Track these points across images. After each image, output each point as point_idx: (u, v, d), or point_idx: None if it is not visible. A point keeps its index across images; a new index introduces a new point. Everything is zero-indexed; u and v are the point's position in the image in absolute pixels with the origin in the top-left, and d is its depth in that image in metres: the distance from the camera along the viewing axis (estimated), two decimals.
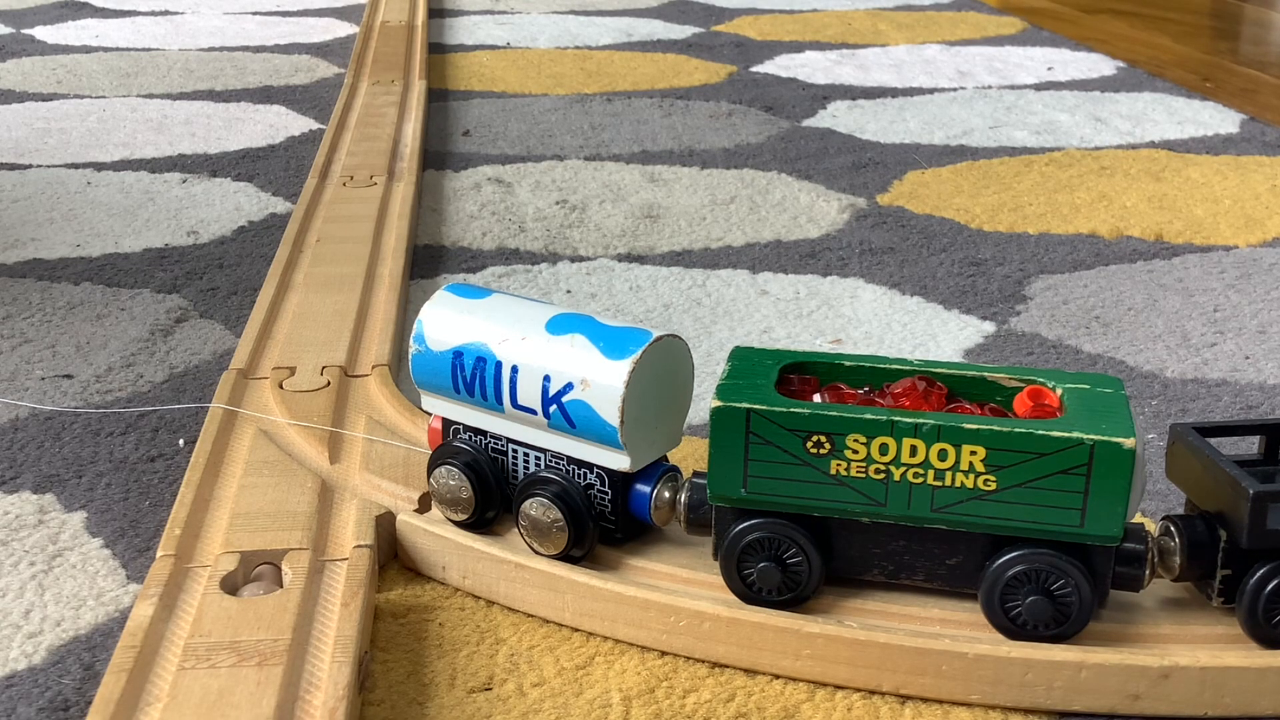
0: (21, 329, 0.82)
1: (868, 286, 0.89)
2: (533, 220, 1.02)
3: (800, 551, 0.50)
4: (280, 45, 1.72)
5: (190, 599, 0.52)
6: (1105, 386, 0.50)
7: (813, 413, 0.49)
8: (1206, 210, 1.05)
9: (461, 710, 0.49)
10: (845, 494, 0.49)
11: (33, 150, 1.22)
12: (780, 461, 0.49)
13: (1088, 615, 0.48)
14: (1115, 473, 0.46)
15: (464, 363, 0.55)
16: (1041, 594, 0.48)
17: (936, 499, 0.49)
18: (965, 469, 0.48)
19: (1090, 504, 0.47)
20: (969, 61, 1.60)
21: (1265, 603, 0.48)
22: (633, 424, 0.52)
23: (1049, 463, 0.47)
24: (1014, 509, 0.48)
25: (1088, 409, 0.48)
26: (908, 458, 0.48)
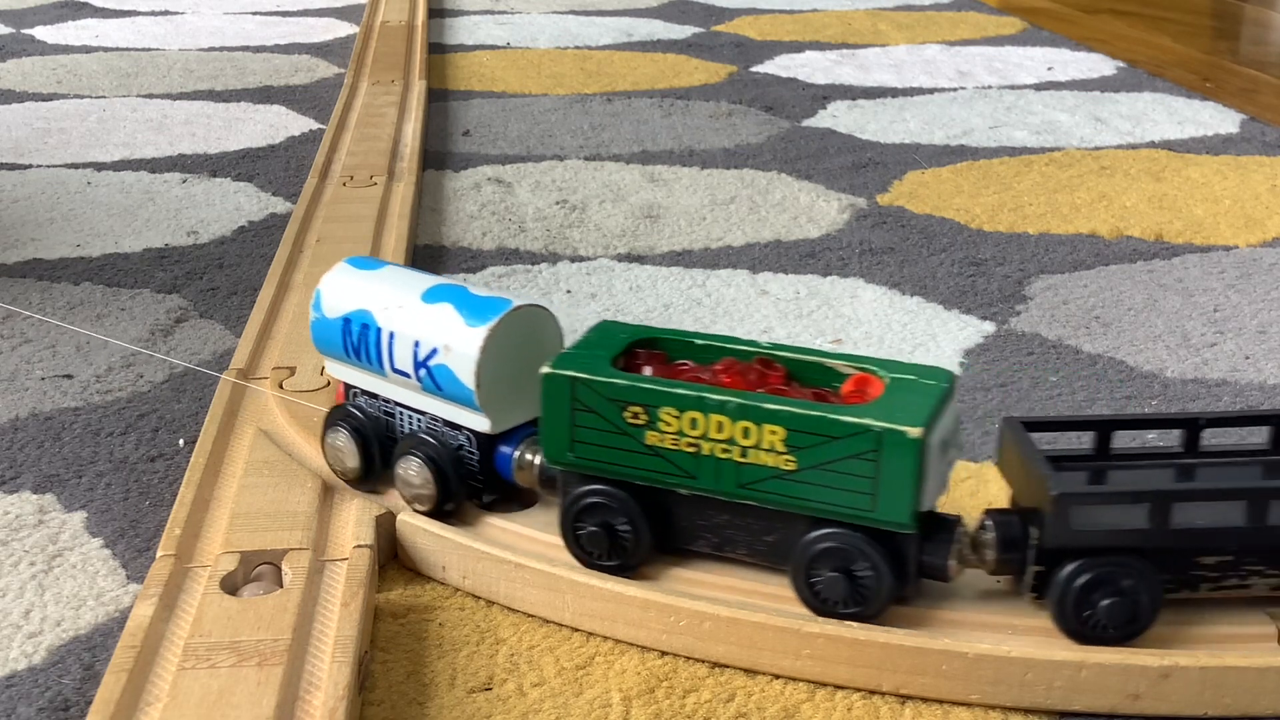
0: (21, 329, 0.82)
1: (868, 286, 0.89)
2: (533, 220, 1.02)
3: (629, 519, 0.52)
4: (280, 45, 1.71)
5: (190, 599, 0.52)
6: (930, 378, 0.51)
7: (630, 384, 0.51)
8: (1206, 210, 1.05)
9: (461, 710, 0.49)
10: (661, 464, 0.51)
11: (33, 150, 1.22)
12: (602, 429, 0.51)
13: (888, 598, 0.49)
14: (901, 460, 0.47)
15: (352, 329, 0.58)
16: (842, 573, 0.49)
17: (742, 475, 0.50)
18: (767, 448, 0.49)
19: (881, 489, 0.48)
20: (969, 61, 1.60)
21: (1073, 599, 0.48)
22: (489, 388, 0.55)
23: (841, 446, 0.48)
24: (812, 489, 0.49)
25: (897, 398, 0.49)
26: (715, 433, 0.50)
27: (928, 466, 0.48)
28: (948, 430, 0.50)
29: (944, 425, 0.49)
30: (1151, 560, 0.48)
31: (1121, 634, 0.49)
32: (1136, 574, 0.48)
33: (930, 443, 0.48)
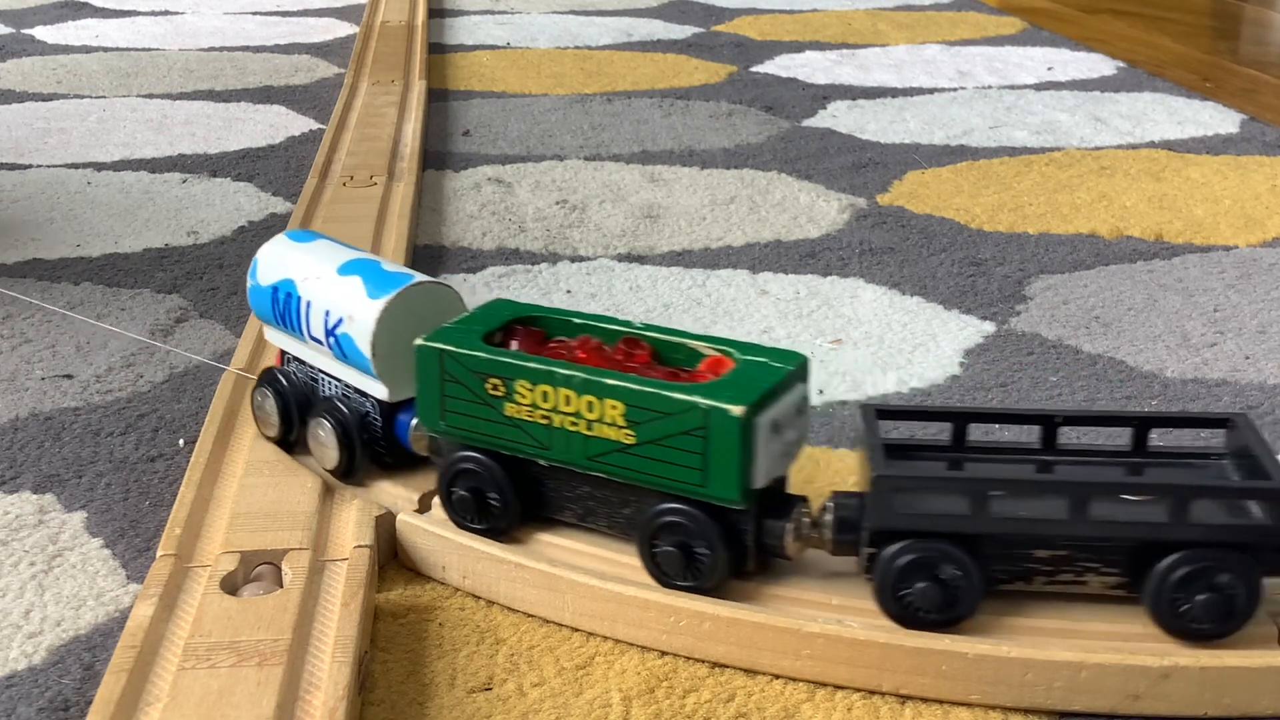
0: (22, 329, 0.82)
1: (868, 286, 0.89)
2: (533, 220, 1.02)
3: (497, 486, 0.55)
4: (280, 45, 1.72)
5: (190, 599, 0.52)
6: (779, 361, 0.52)
7: (489, 357, 0.53)
8: (1206, 210, 1.05)
9: (461, 710, 0.49)
10: (519, 435, 0.53)
11: (33, 150, 1.22)
12: (468, 400, 0.54)
13: (724, 572, 0.51)
14: (726, 438, 0.49)
15: (279, 296, 0.62)
16: (678, 547, 0.51)
17: (589, 448, 0.52)
18: (609, 422, 0.51)
19: (710, 465, 0.50)
20: (969, 61, 1.60)
21: (891, 581, 0.49)
22: (385, 358, 0.57)
23: (674, 423, 0.50)
24: (650, 464, 0.51)
25: (737, 378, 0.51)
26: (564, 406, 0.52)
27: (757, 445, 0.49)
28: (786, 412, 0.51)
29: (782, 407, 0.50)
30: (979, 549, 0.49)
31: (939, 619, 0.50)
32: (956, 560, 0.49)
33: (758, 422, 0.49)
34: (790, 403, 0.51)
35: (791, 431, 0.51)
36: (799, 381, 0.52)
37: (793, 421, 0.51)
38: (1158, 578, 0.49)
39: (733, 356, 0.53)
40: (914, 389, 0.74)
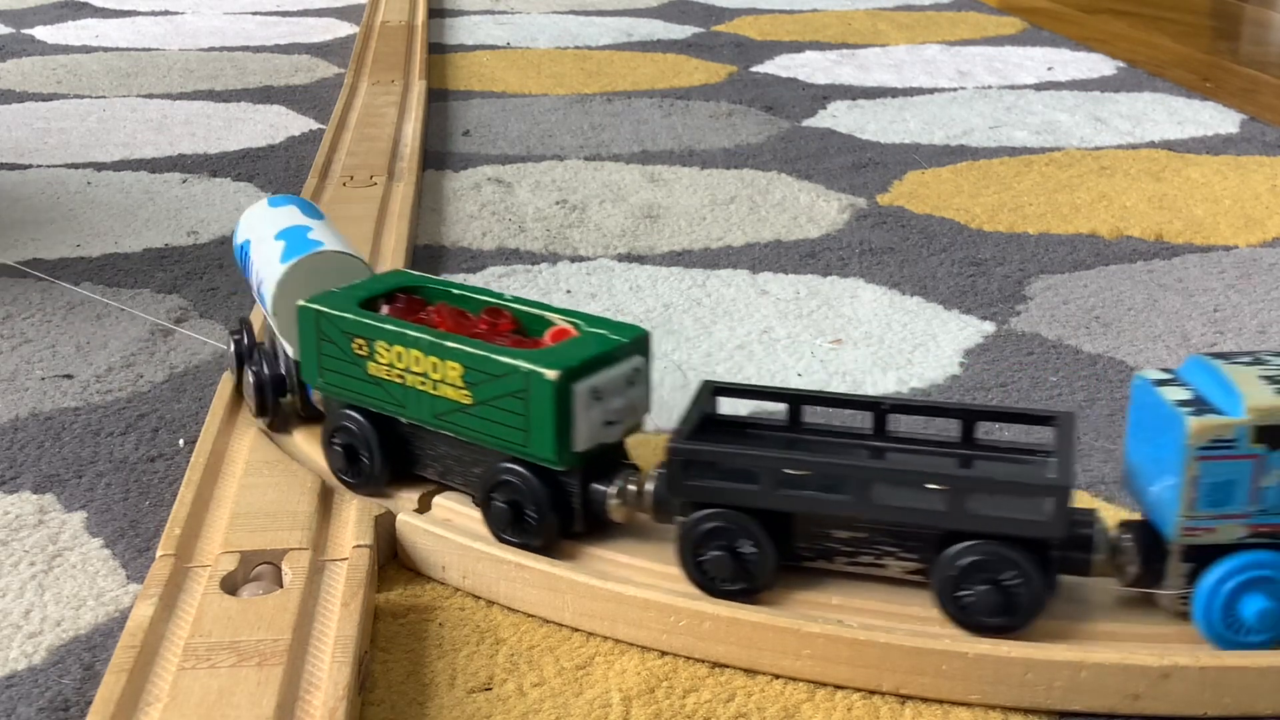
0: (21, 329, 0.82)
1: (868, 286, 0.89)
2: (533, 220, 1.02)
3: (366, 442, 0.58)
4: (280, 45, 1.72)
5: (190, 599, 0.52)
6: (617, 334, 0.54)
7: (354, 318, 0.57)
8: (1206, 210, 1.05)
9: (461, 710, 0.49)
10: (380, 393, 0.57)
11: (33, 150, 1.22)
12: (339, 358, 0.58)
13: (550, 532, 0.54)
14: (543, 400, 0.52)
15: (242, 256, 0.67)
16: (508, 505, 0.54)
17: (435, 406, 0.55)
18: (450, 382, 0.54)
19: (531, 427, 0.52)
20: (969, 61, 1.60)
21: (690, 549, 0.51)
22: (285, 317, 0.62)
23: (501, 385, 0.53)
24: (484, 423, 0.54)
25: (568, 346, 0.54)
26: (414, 366, 0.55)
27: (575, 410, 0.52)
28: (613, 381, 0.53)
29: (608, 376, 0.53)
30: (778, 524, 0.51)
31: (735, 588, 0.51)
32: (749, 533, 0.51)
33: (575, 388, 0.51)
34: (619, 374, 0.53)
35: (618, 400, 0.53)
36: (635, 354, 0.54)
37: (621, 391, 0.53)
38: (942, 566, 0.49)
39: (579, 328, 0.56)
40: (914, 389, 0.74)
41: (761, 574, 0.51)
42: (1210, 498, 0.48)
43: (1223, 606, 0.48)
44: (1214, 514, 0.48)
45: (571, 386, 0.51)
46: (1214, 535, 0.48)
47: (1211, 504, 0.48)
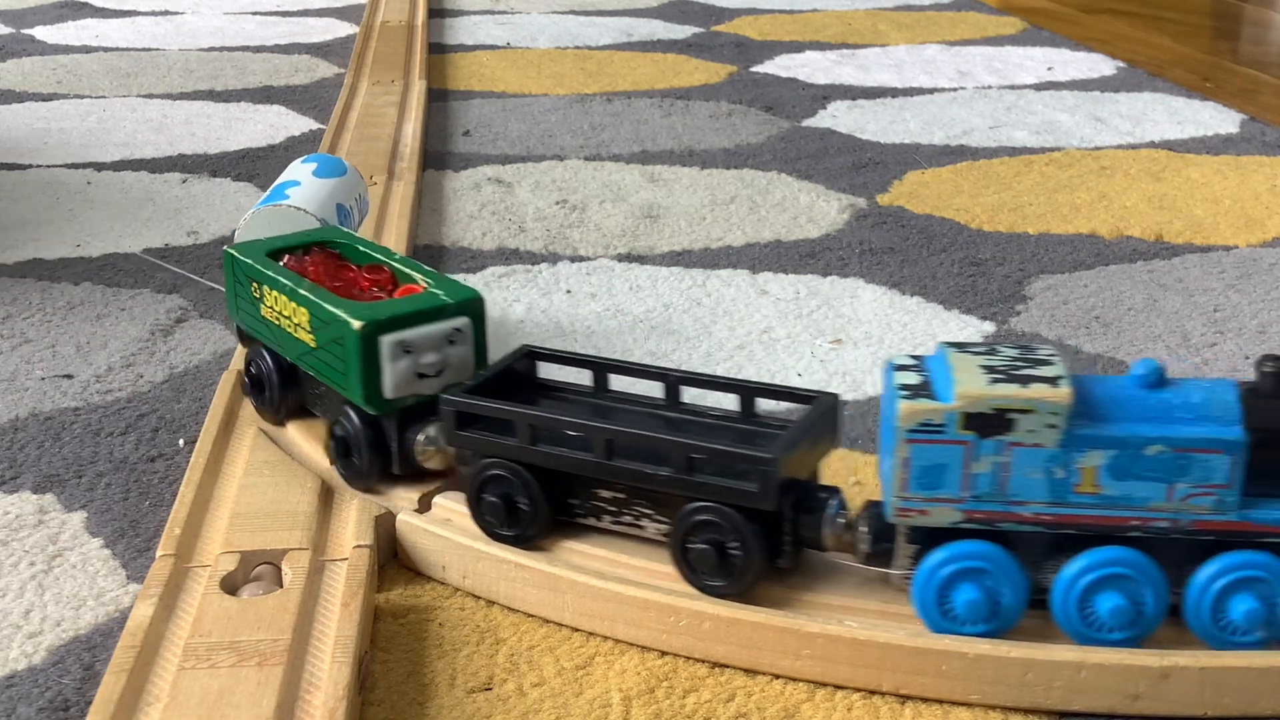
0: (21, 329, 0.82)
1: (868, 286, 0.89)
2: (533, 220, 1.02)
3: (269, 377, 0.64)
4: (280, 45, 1.72)
5: (190, 599, 0.52)
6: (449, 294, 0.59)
7: (250, 263, 0.63)
8: (1206, 210, 1.05)
9: (461, 710, 0.49)
10: (269, 332, 0.63)
11: (33, 150, 1.22)
12: (246, 299, 0.64)
13: (373, 472, 0.58)
14: (352, 349, 0.57)
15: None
16: (338, 441, 0.59)
17: (298, 348, 0.61)
18: (304, 327, 0.60)
19: (348, 372, 0.57)
20: (969, 61, 1.60)
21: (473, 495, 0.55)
22: None
23: (329, 331, 0.58)
24: (324, 366, 0.59)
25: (397, 301, 0.59)
26: (285, 310, 0.61)
27: (381, 360, 0.56)
28: (428, 338, 0.57)
29: (423, 332, 0.57)
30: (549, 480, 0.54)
31: (509, 535, 0.55)
32: (522, 484, 0.54)
33: (382, 340, 0.56)
34: (436, 331, 0.58)
35: (432, 355, 0.57)
36: (461, 315, 0.58)
37: (438, 348, 0.58)
38: (676, 527, 0.52)
39: (426, 284, 0.61)
40: None
41: (532, 523, 0.54)
42: (921, 480, 0.48)
43: (936, 593, 0.49)
44: (927, 496, 0.49)
45: (378, 338, 0.56)
46: (928, 518, 0.49)
47: (923, 486, 0.48)
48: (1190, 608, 0.49)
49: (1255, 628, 0.48)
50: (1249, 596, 0.48)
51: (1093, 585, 0.48)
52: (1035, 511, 0.48)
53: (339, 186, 0.76)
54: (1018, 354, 0.49)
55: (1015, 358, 0.49)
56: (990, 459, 0.48)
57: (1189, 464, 0.47)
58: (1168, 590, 0.48)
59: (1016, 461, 0.48)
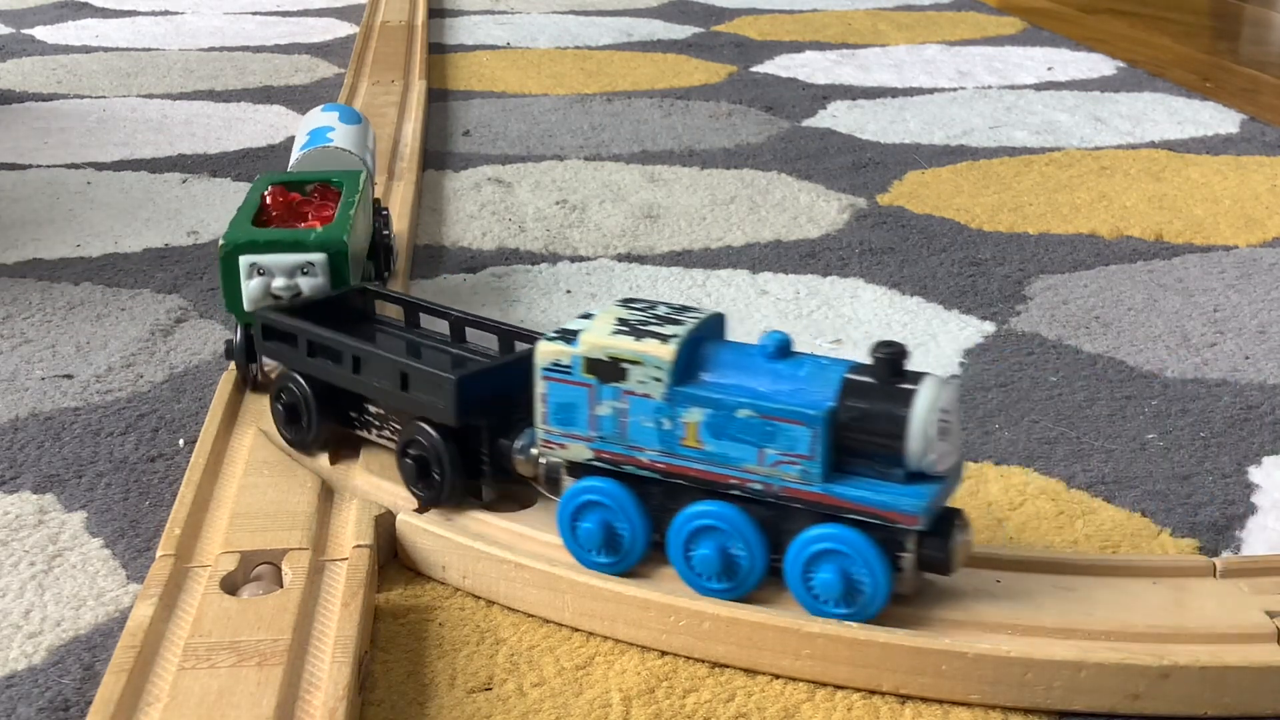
0: (21, 329, 0.82)
1: (868, 286, 0.89)
2: (533, 220, 1.02)
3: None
4: (280, 45, 1.72)
5: (190, 599, 0.52)
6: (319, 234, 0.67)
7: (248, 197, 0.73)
8: (1206, 210, 1.05)
9: (461, 710, 0.49)
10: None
11: (33, 150, 1.22)
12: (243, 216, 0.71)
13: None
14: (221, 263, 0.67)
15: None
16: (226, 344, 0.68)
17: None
18: None
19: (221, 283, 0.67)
20: (969, 61, 1.60)
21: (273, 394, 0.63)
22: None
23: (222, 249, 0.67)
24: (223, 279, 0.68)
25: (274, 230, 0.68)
26: None
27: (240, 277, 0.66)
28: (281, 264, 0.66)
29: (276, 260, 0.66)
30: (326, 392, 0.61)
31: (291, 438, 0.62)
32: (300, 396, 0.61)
33: (240, 260, 0.66)
34: (291, 260, 0.66)
35: (283, 280, 0.66)
36: (319, 251, 0.66)
37: (290, 274, 0.66)
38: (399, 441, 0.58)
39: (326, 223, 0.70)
40: None
41: (310, 426, 0.61)
42: (557, 416, 0.53)
43: (569, 521, 0.53)
44: (563, 432, 0.53)
45: (238, 257, 0.66)
46: (566, 452, 0.53)
47: (559, 422, 0.53)
48: (786, 573, 0.51)
49: (833, 599, 0.50)
50: (828, 568, 0.50)
51: (693, 535, 0.51)
52: (651, 458, 0.52)
53: (362, 133, 0.85)
54: (666, 313, 0.53)
55: (658, 316, 0.53)
56: (611, 404, 0.52)
57: (775, 432, 0.49)
58: (764, 550, 0.51)
59: (632, 409, 0.51)
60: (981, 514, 0.62)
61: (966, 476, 0.65)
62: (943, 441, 0.49)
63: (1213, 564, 0.54)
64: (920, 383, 0.49)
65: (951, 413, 0.49)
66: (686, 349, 0.51)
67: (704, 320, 0.53)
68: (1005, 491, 0.64)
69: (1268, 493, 0.64)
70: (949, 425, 0.49)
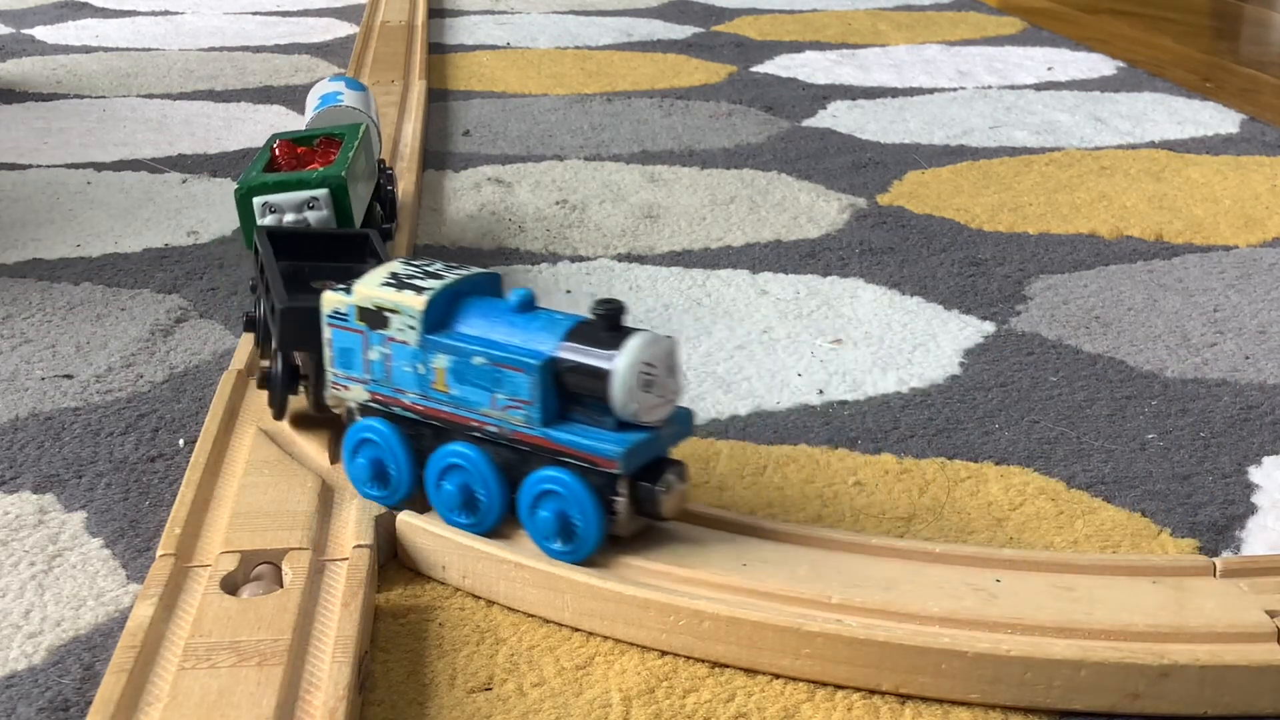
0: (21, 329, 0.82)
1: (868, 286, 0.89)
2: (533, 220, 1.02)
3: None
4: (280, 45, 1.72)
5: (190, 599, 0.52)
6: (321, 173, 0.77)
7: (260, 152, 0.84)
8: (1206, 210, 1.05)
9: (461, 710, 0.49)
10: None
11: (33, 150, 1.22)
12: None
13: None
14: (237, 205, 0.78)
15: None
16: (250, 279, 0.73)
17: None
18: None
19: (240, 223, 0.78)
20: (969, 61, 1.60)
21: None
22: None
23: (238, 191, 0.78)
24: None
25: (281, 175, 0.77)
26: None
27: (253, 214, 0.77)
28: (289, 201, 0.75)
29: (285, 197, 0.76)
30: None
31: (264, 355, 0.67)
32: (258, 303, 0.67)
33: (254, 200, 0.77)
34: (297, 197, 0.75)
35: (292, 215, 0.76)
36: (321, 188, 0.75)
37: (298, 209, 0.75)
38: None
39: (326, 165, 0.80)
40: (914, 389, 0.74)
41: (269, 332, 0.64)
42: (340, 360, 0.58)
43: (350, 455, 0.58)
44: (346, 375, 0.58)
45: (251, 199, 0.76)
46: (350, 394, 0.58)
47: (342, 365, 0.58)
48: (519, 511, 0.55)
49: (551, 536, 0.53)
50: (548, 507, 0.53)
51: (443, 471, 0.56)
52: (412, 400, 0.56)
53: (366, 98, 0.93)
54: (435, 270, 0.58)
55: (426, 272, 0.57)
56: (379, 349, 0.57)
57: (503, 378, 0.53)
58: (501, 489, 0.55)
59: (395, 355, 0.56)
60: (981, 514, 0.62)
61: (966, 476, 0.65)
62: (647, 393, 0.52)
63: (1213, 564, 0.54)
64: (629, 337, 0.52)
65: (658, 367, 0.53)
66: (441, 300, 0.56)
67: (468, 277, 0.57)
68: (1005, 491, 0.64)
69: (1268, 493, 0.64)
70: (654, 378, 0.52)
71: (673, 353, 0.53)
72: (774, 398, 0.73)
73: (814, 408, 0.72)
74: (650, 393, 0.52)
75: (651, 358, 0.52)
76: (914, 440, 0.69)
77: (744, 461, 0.67)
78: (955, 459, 0.67)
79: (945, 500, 0.63)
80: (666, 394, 0.53)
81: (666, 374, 0.53)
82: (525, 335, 0.54)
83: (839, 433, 0.69)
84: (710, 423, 0.71)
